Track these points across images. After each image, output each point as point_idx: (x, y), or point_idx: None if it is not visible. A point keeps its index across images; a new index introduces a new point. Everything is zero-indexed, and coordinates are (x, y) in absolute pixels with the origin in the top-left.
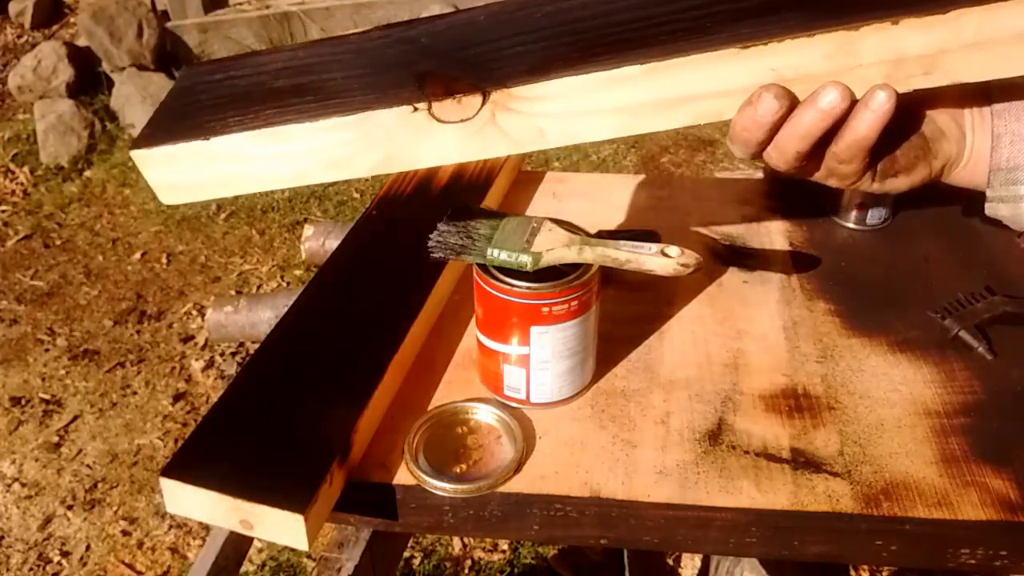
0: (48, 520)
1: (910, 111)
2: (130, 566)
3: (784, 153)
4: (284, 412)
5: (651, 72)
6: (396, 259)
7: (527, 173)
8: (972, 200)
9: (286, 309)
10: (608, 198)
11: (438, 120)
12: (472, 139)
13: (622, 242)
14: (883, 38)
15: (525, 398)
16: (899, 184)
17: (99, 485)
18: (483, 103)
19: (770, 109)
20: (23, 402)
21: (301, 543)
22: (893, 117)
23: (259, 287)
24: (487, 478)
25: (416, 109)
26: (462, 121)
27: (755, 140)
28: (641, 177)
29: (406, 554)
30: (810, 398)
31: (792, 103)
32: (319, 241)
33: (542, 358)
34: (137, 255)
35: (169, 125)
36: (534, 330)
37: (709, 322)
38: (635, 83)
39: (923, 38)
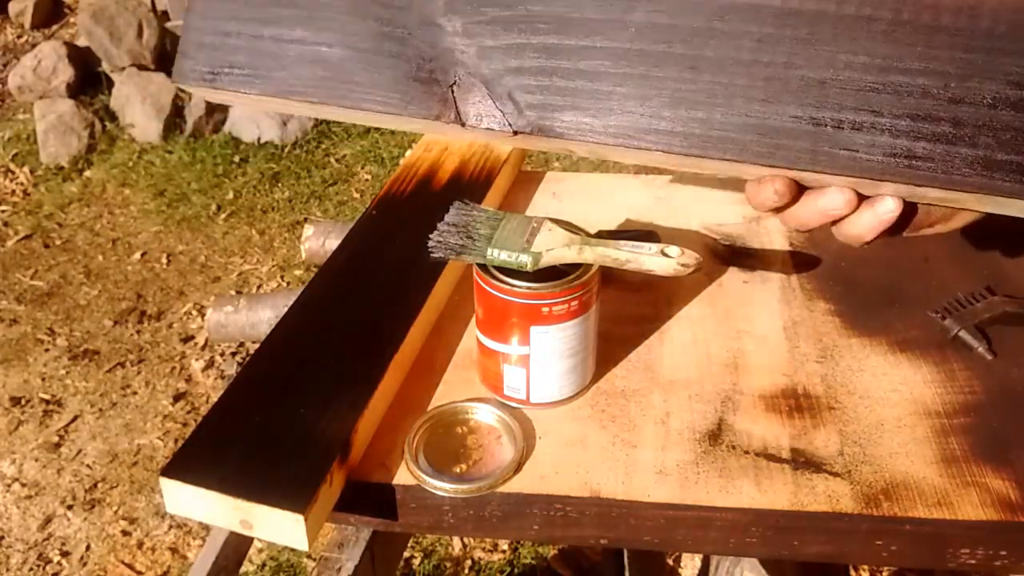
0: (48, 520)
1: None
2: (130, 566)
3: (786, 223)
4: (284, 412)
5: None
6: (396, 259)
7: (527, 173)
8: None
9: (286, 309)
10: (608, 198)
11: (465, 129)
12: (493, 139)
13: (622, 242)
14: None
15: (525, 398)
16: (936, 231)
17: (99, 485)
18: (513, 135)
19: (770, 199)
20: (23, 402)
21: (301, 543)
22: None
23: (259, 287)
24: (487, 478)
25: (447, 124)
26: (488, 137)
27: (759, 208)
28: (641, 177)
29: (406, 554)
30: (810, 398)
31: (795, 198)
32: (319, 241)
33: (542, 358)
34: (137, 255)
35: (204, 56)
36: (534, 330)
37: (709, 322)
38: (666, 157)
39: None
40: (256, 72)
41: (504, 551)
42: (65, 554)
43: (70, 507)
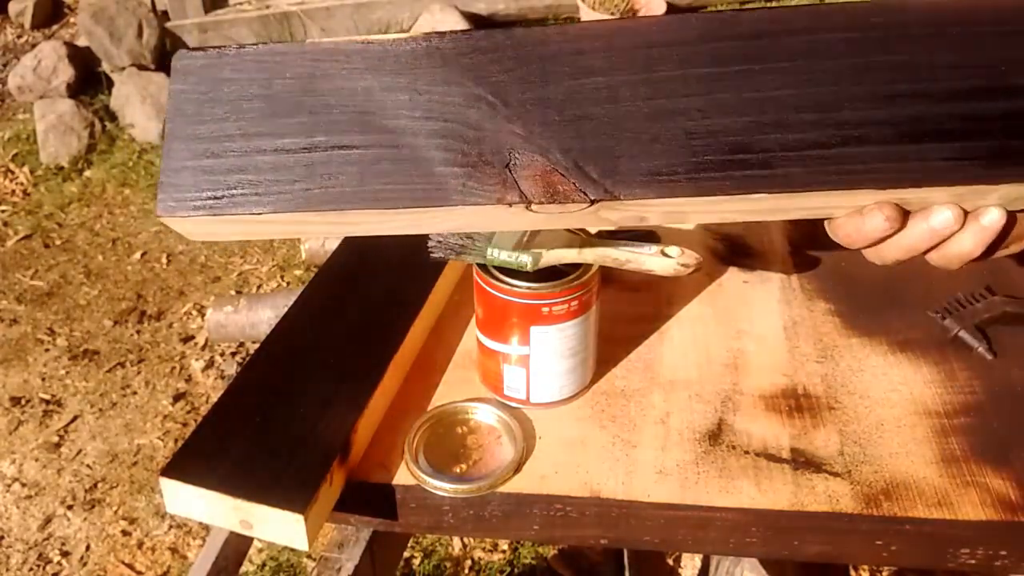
0: (48, 520)
1: None
2: (130, 566)
3: (883, 258)
4: (284, 412)
5: (777, 199)
6: (396, 259)
7: None
8: None
9: (286, 309)
10: None
11: (533, 212)
12: (564, 219)
13: (622, 242)
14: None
15: (525, 398)
16: (1012, 251)
17: (99, 485)
18: (588, 207)
19: (878, 228)
20: (23, 402)
21: (301, 543)
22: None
23: (259, 287)
24: (487, 478)
25: (511, 206)
26: (560, 213)
27: (856, 245)
28: None
29: (406, 554)
30: (810, 398)
31: (903, 223)
32: (319, 241)
33: (542, 358)
34: (137, 255)
35: (196, 180)
36: (534, 330)
37: (709, 322)
38: (757, 203)
39: None
40: (266, 189)
41: (504, 551)
42: (65, 554)
43: (70, 507)
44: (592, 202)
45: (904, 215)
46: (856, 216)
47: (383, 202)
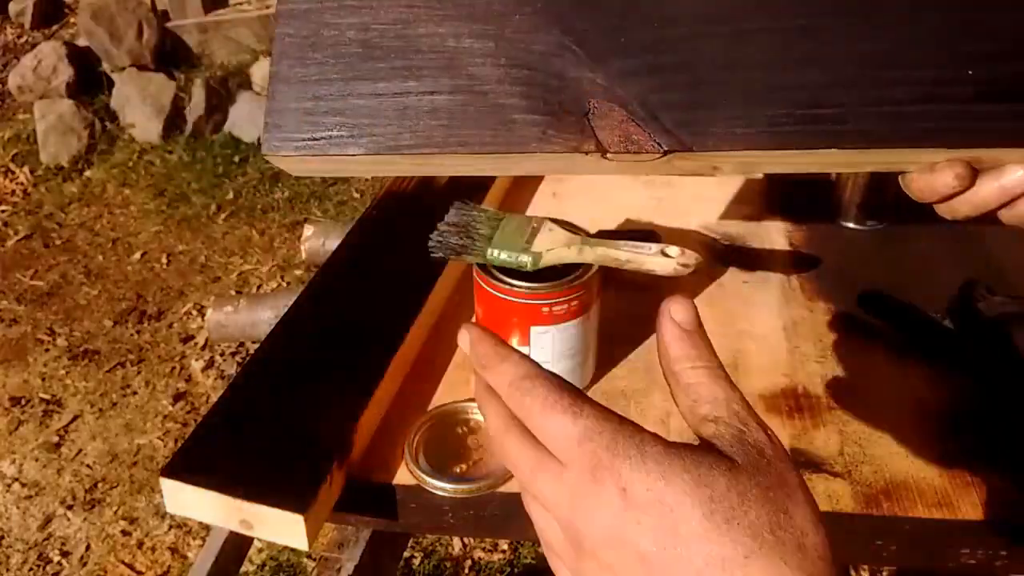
0: (48, 520)
1: None
2: (130, 566)
3: (955, 212)
4: (284, 412)
5: (849, 154)
6: (396, 259)
7: None
8: None
9: (286, 309)
10: (608, 198)
11: (608, 159)
12: (638, 167)
13: (622, 242)
14: None
15: None
16: None
17: (99, 485)
18: (661, 156)
19: (949, 185)
20: (23, 402)
21: (301, 543)
22: None
23: (259, 287)
24: (487, 478)
25: (587, 154)
26: (635, 162)
27: (927, 200)
28: (641, 177)
29: (406, 554)
30: (810, 398)
31: (972, 181)
32: (319, 241)
33: (542, 358)
34: (137, 255)
35: (298, 121)
36: (534, 330)
37: (709, 322)
38: (830, 156)
39: None
40: (361, 131)
41: (504, 551)
42: (65, 554)
43: (70, 507)
44: (665, 152)
45: (974, 173)
46: (928, 172)
47: (467, 146)
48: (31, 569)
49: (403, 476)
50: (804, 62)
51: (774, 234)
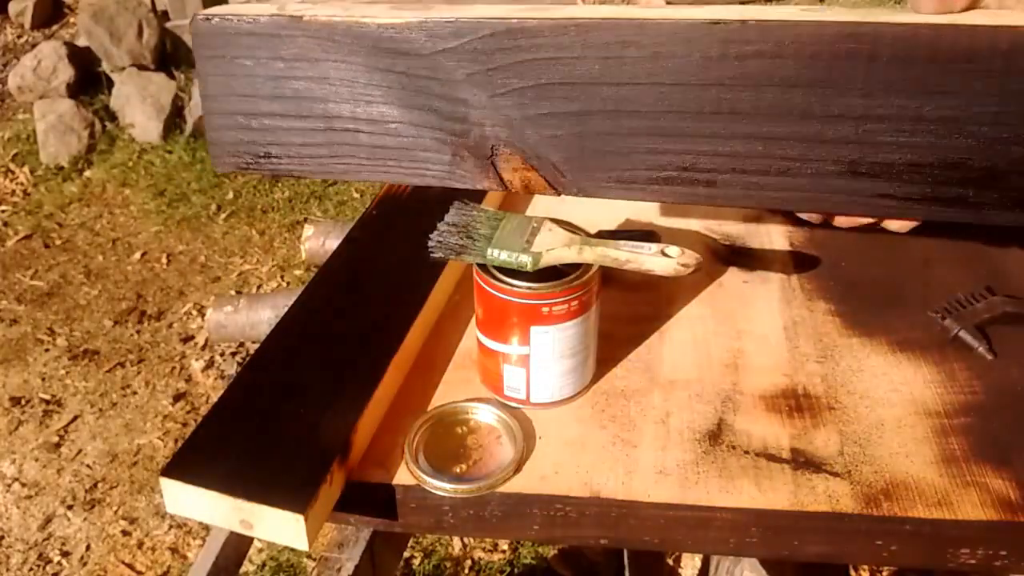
0: (48, 520)
1: None
2: (130, 566)
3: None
4: (284, 412)
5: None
6: (396, 259)
7: None
8: None
9: (286, 309)
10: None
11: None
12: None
13: (622, 242)
14: None
15: (525, 398)
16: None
17: (99, 485)
18: (556, 195)
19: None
20: (23, 402)
21: (301, 543)
22: None
23: (259, 287)
24: (487, 478)
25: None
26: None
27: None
28: None
29: (406, 554)
30: (810, 398)
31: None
32: (319, 241)
33: (542, 358)
34: (137, 255)
35: (235, 144)
36: (534, 330)
37: (709, 322)
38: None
39: None
40: (297, 158)
41: (504, 551)
42: (65, 554)
43: (70, 507)
44: (560, 194)
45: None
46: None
47: (391, 173)
48: (31, 569)
49: (403, 476)
50: (682, 127)
51: (774, 234)
